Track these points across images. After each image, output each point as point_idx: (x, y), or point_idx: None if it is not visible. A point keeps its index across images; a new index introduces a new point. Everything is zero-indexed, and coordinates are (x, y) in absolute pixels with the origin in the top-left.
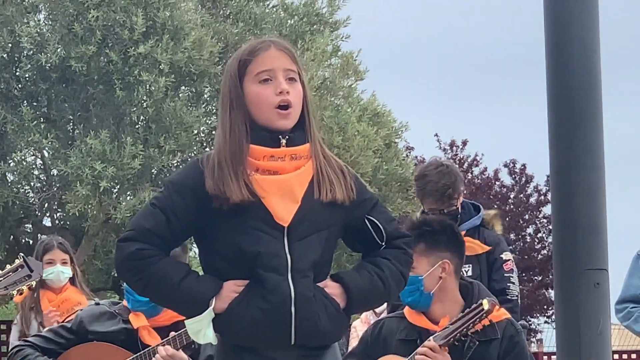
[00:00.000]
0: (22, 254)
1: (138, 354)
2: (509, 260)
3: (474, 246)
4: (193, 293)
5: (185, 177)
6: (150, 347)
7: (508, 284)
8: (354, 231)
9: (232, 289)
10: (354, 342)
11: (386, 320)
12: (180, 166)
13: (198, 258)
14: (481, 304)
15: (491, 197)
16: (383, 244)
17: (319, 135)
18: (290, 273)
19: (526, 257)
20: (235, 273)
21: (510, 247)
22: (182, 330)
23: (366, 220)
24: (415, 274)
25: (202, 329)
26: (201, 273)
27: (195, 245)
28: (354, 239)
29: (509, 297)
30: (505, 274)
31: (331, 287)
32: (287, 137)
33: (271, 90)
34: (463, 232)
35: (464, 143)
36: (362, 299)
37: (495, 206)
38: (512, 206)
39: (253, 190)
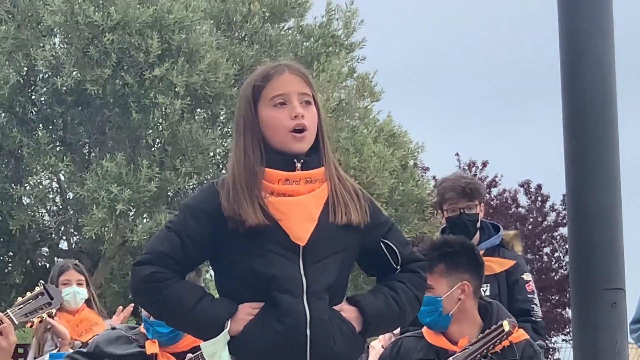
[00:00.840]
0: (42, 281)
1: None
2: (530, 281)
3: (493, 265)
4: (208, 316)
5: (201, 201)
6: None
7: (532, 305)
8: (369, 254)
9: (247, 311)
10: None
11: (404, 340)
12: (197, 188)
13: (214, 280)
14: (501, 325)
15: (509, 217)
16: (398, 267)
17: (333, 157)
18: (306, 295)
19: (543, 276)
20: (251, 295)
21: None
22: (199, 352)
23: (381, 244)
24: (434, 294)
25: (217, 352)
26: (216, 296)
27: (211, 267)
28: (369, 262)
29: (534, 319)
30: (528, 295)
31: (347, 311)
32: (302, 160)
33: (286, 114)
34: (482, 252)
35: (484, 164)
36: (377, 323)
37: (514, 227)
38: (529, 226)
39: (268, 213)
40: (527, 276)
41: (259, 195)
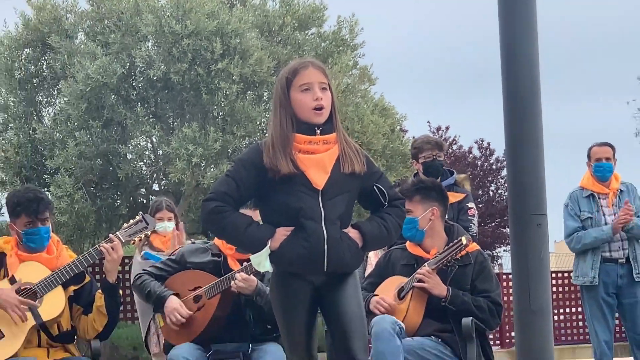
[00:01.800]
0: (140, 212)
1: (221, 277)
2: (472, 208)
3: (450, 198)
4: (255, 237)
5: (249, 156)
6: (231, 272)
7: (470, 224)
8: (366, 194)
9: (282, 233)
10: (369, 269)
11: (393, 251)
12: (247, 147)
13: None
14: (460, 240)
15: (465, 165)
16: (386, 203)
17: (341, 126)
18: (324, 221)
19: (490, 206)
20: (284, 222)
21: (478, 200)
22: (249, 263)
23: (375, 187)
24: (413, 216)
25: (261, 262)
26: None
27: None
28: (366, 200)
29: (471, 233)
30: (469, 217)
31: (352, 233)
32: (321, 128)
33: (310, 97)
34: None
35: (447, 128)
36: (373, 241)
37: (468, 172)
38: (480, 171)
39: (297, 165)
40: (471, 204)
41: (291, 152)
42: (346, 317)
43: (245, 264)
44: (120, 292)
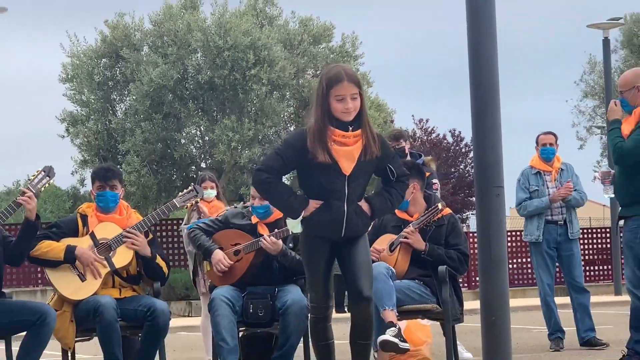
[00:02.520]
0: (192, 184)
1: (257, 239)
2: (436, 183)
3: None
4: (293, 206)
5: (295, 138)
6: (262, 236)
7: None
8: (380, 171)
9: (313, 205)
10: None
11: (385, 215)
12: (274, 134)
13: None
14: (437, 206)
15: (441, 149)
16: (394, 179)
17: (369, 121)
18: (346, 201)
19: (460, 180)
20: (316, 197)
21: (452, 176)
22: (283, 229)
23: (387, 167)
24: None
25: (295, 225)
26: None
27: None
28: (379, 174)
29: None
30: (433, 190)
31: (364, 206)
32: (352, 126)
33: (342, 106)
34: None
35: (427, 120)
36: (379, 213)
37: (444, 155)
38: (452, 153)
39: (331, 154)
40: (435, 180)
41: (326, 142)
42: (356, 264)
43: (276, 230)
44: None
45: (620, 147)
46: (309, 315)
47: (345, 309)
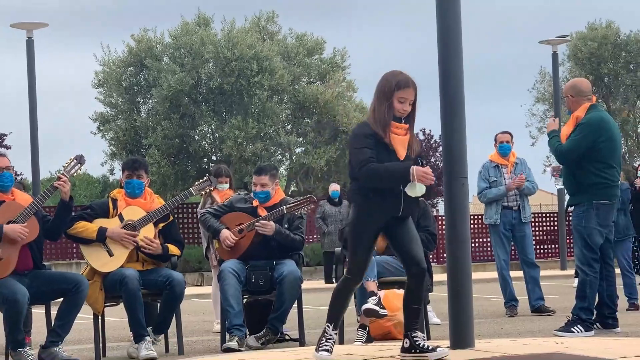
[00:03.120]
0: (207, 174)
1: (257, 218)
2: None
3: None
4: (402, 166)
5: (364, 129)
6: (260, 217)
7: None
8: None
9: (419, 168)
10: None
11: None
12: (273, 133)
13: None
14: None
15: None
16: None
17: (413, 125)
18: (402, 184)
19: (433, 172)
20: None
21: None
22: (277, 210)
23: (418, 159)
24: None
25: (414, 189)
26: None
27: None
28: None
29: None
30: None
31: None
32: (404, 120)
33: (401, 107)
34: None
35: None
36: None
37: None
38: (424, 148)
39: (390, 141)
40: None
41: (387, 131)
42: (413, 239)
43: (269, 213)
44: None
45: (560, 149)
46: (344, 281)
47: (333, 280)
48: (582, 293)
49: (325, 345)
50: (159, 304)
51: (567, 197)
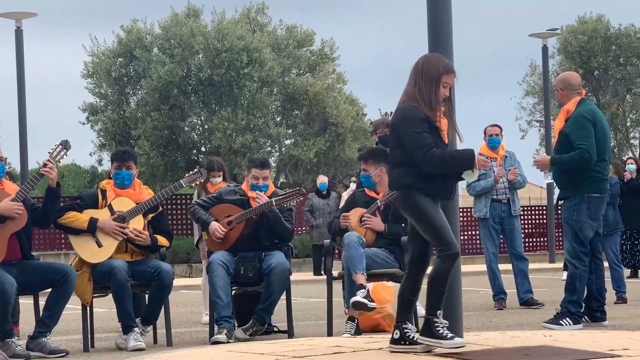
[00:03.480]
0: (198, 166)
1: (245, 210)
2: None
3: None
4: (465, 153)
5: (417, 113)
6: (250, 209)
7: None
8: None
9: (480, 159)
10: (342, 203)
11: (357, 193)
12: (263, 124)
13: None
14: None
15: None
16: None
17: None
18: None
19: None
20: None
21: None
22: (263, 203)
23: None
24: (367, 173)
25: (471, 175)
26: None
27: None
28: None
29: None
30: None
31: None
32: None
33: (444, 92)
34: None
35: (391, 112)
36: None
37: None
38: None
39: (440, 125)
40: None
41: (439, 115)
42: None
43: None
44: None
45: (583, 153)
46: (446, 259)
47: (322, 273)
48: (571, 286)
49: (450, 332)
50: (147, 295)
51: (556, 190)
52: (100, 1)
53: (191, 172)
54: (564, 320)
